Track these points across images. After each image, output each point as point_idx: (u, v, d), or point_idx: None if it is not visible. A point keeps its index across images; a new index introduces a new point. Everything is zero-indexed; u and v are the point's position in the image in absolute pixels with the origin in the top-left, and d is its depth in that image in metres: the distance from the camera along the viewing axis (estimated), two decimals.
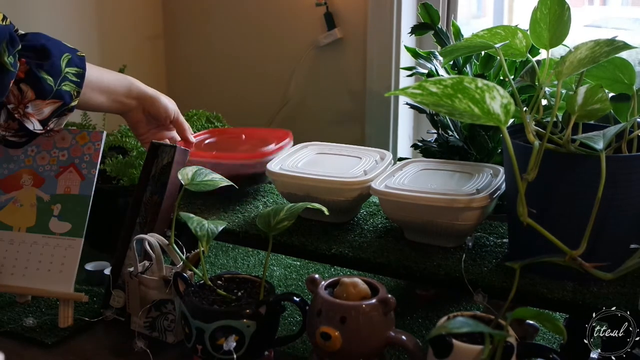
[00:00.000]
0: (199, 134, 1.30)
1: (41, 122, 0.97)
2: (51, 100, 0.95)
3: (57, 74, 0.96)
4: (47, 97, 0.95)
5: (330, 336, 0.81)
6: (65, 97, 0.96)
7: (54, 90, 0.95)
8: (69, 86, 0.97)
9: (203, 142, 1.27)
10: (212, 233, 0.92)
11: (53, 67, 0.95)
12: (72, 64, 0.98)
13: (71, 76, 0.97)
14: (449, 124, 1.21)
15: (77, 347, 1.00)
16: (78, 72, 0.98)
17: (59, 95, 0.96)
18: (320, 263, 1.23)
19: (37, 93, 0.94)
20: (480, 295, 0.88)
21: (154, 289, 0.99)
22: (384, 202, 1.00)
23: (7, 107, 0.95)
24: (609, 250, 0.84)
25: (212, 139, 1.29)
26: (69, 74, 0.97)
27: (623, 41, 0.82)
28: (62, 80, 0.96)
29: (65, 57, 0.97)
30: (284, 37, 1.73)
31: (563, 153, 0.83)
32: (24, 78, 0.93)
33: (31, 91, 0.94)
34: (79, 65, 0.98)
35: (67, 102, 0.97)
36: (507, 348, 0.72)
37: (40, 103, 0.95)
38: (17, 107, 0.94)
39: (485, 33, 0.92)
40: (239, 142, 1.28)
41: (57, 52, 0.96)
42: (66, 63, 0.97)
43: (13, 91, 0.93)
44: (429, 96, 0.66)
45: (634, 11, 1.66)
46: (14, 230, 1.08)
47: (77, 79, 0.98)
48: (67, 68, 0.97)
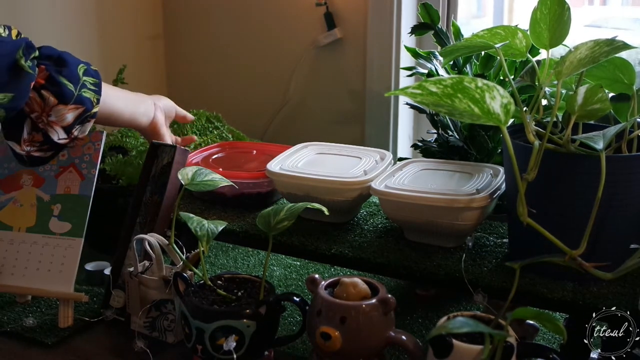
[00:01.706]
0: (208, 147, 1.29)
1: (65, 130, 0.97)
2: (73, 106, 0.96)
3: (76, 81, 0.96)
4: (69, 101, 0.95)
5: (330, 336, 0.81)
6: (86, 103, 0.97)
7: (75, 95, 0.96)
8: (88, 93, 0.98)
9: (211, 157, 1.26)
10: (212, 233, 0.92)
11: (72, 74, 0.96)
12: (88, 74, 0.99)
13: (89, 84, 0.98)
14: (449, 124, 1.21)
15: (77, 347, 1.00)
16: (95, 82, 0.99)
17: (80, 101, 0.96)
18: (320, 263, 1.23)
19: (59, 98, 0.94)
20: (480, 295, 0.88)
21: (154, 289, 0.99)
22: (384, 202, 1.00)
23: (30, 117, 0.95)
24: (609, 250, 0.84)
25: (220, 154, 1.28)
26: (87, 82, 0.98)
27: (623, 41, 0.82)
28: (82, 87, 0.97)
29: (81, 67, 0.98)
30: (284, 37, 1.73)
31: (563, 153, 0.83)
32: (45, 84, 0.94)
33: (53, 97, 0.94)
34: (94, 76, 1.00)
35: (89, 108, 0.98)
36: (507, 348, 0.72)
37: (63, 108, 0.95)
38: (41, 115, 0.95)
39: (485, 33, 0.92)
40: (249, 158, 1.26)
41: (73, 62, 0.98)
42: (83, 72, 0.98)
43: (35, 99, 0.94)
44: (429, 96, 0.66)
45: (634, 11, 1.66)
46: (14, 230, 1.08)
47: (95, 88, 0.99)
48: (84, 77, 0.98)
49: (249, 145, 1.33)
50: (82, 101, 0.97)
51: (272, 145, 1.33)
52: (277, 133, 1.79)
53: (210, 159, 1.25)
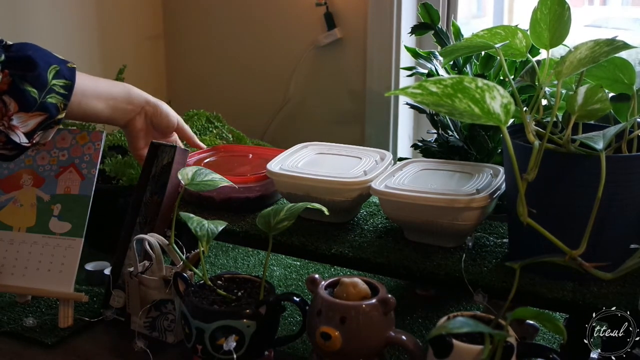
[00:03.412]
0: (202, 151, 1.26)
1: (26, 135, 0.94)
2: (36, 113, 0.93)
3: (42, 86, 0.93)
4: (31, 109, 0.92)
5: (330, 336, 0.81)
6: (50, 110, 0.94)
7: (37, 103, 0.92)
8: (55, 98, 0.94)
9: (202, 161, 1.22)
10: (212, 233, 0.92)
11: (38, 79, 0.92)
12: (60, 76, 0.95)
13: (58, 88, 0.94)
14: (449, 124, 1.21)
15: (77, 347, 1.00)
16: (66, 84, 0.95)
17: (44, 108, 0.93)
18: (320, 263, 1.23)
19: (20, 105, 0.91)
20: (480, 295, 0.88)
21: (154, 289, 0.99)
22: (384, 202, 1.00)
23: None
24: (609, 250, 0.84)
25: (212, 158, 1.25)
26: (56, 86, 0.94)
27: (623, 41, 0.82)
28: (48, 92, 0.93)
29: (52, 68, 0.94)
30: (284, 37, 1.73)
31: (563, 153, 0.83)
32: (7, 90, 0.91)
33: (14, 103, 0.91)
34: (67, 77, 0.96)
35: (52, 115, 0.94)
36: (507, 348, 0.72)
37: (24, 115, 0.92)
38: (2, 120, 0.92)
39: (485, 33, 0.92)
40: (242, 162, 1.23)
41: (43, 64, 0.94)
42: (53, 75, 0.94)
43: None
44: (429, 96, 0.66)
45: (634, 11, 1.66)
46: (14, 230, 1.08)
47: (64, 91, 0.95)
48: (54, 80, 0.94)
49: (245, 149, 1.31)
50: (46, 108, 0.93)
51: (269, 149, 1.30)
52: (277, 133, 1.79)
53: (202, 163, 1.22)
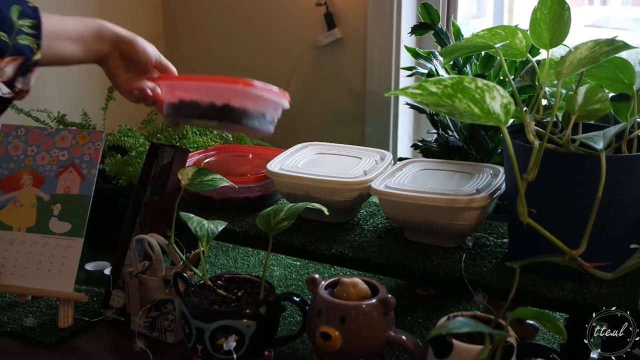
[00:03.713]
0: (202, 151, 1.25)
1: (7, 84, 0.88)
2: (10, 58, 0.87)
3: (9, 29, 0.87)
4: (5, 54, 0.86)
5: (330, 336, 0.81)
6: (25, 52, 0.88)
7: (9, 46, 0.87)
8: (26, 39, 0.88)
9: (202, 161, 1.22)
10: (212, 233, 0.92)
11: (4, 21, 0.87)
12: (25, 16, 0.89)
13: (26, 29, 0.88)
14: (449, 124, 1.21)
15: (77, 347, 1.00)
16: (33, 23, 0.89)
17: (18, 51, 0.87)
18: (320, 263, 1.23)
19: None
20: (480, 295, 0.88)
21: (154, 289, 0.99)
22: (384, 202, 1.00)
23: None
24: (609, 250, 0.84)
25: (212, 158, 1.24)
26: (24, 26, 0.88)
27: (623, 41, 0.82)
28: (17, 34, 0.87)
29: (14, 9, 0.88)
30: (284, 37, 1.73)
31: (563, 153, 0.83)
32: None
33: None
34: (32, 17, 0.89)
35: (28, 57, 0.88)
36: (507, 348, 0.72)
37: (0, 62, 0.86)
38: None
39: (485, 33, 0.92)
40: (243, 162, 1.22)
41: (4, 6, 0.88)
42: (17, 16, 0.88)
43: None
44: (429, 96, 0.66)
45: (634, 11, 1.66)
46: (14, 230, 1.08)
47: (33, 31, 0.89)
48: (19, 21, 0.88)
49: (245, 149, 1.30)
50: (20, 50, 0.87)
51: (269, 149, 1.30)
52: (277, 133, 1.77)
53: (202, 163, 1.21)
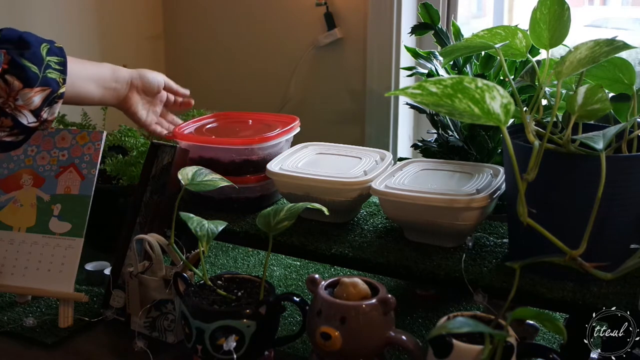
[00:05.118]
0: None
1: (33, 113, 0.96)
2: (39, 88, 0.95)
3: (39, 62, 0.95)
4: (35, 84, 0.94)
5: (330, 336, 0.81)
6: (52, 84, 0.96)
7: (39, 77, 0.94)
8: (54, 73, 0.96)
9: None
10: (212, 233, 0.92)
11: (35, 55, 0.95)
12: (52, 53, 0.97)
13: (54, 64, 0.96)
14: (449, 124, 1.21)
15: (77, 347, 1.00)
16: (60, 60, 0.97)
17: (46, 82, 0.95)
18: (320, 263, 1.23)
19: (24, 82, 0.93)
20: (480, 295, 0.88)
21: (154, 289, 0.99)
22: (384, 202, 1.00)
23: None
24: (609, 250, 0.84)
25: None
26: (51, 62, 0.96)
27: (623, 41, 0.82)
28: (46, 67, 0.95)
29: (44, 46, 0.97)
30: (284, 37, 1.73)
31: (563, 153, 0.83)
32: (8, 69, 0.92)
33: (17, 81, 0.93)
34: (59, 55, 0.98)
35: (55, 89, 0.96)
36: (507, 348, 0.72)
37: (29, 92, 0.94)
38: (7, 101, 0.93)
39: (485, 33, 0.92)
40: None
41: (35, 42, 0.96)
42: (46, 52, 0.96)
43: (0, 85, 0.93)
44: (429, 96, 0.66)
45: (634, 11, 1.66)
46: (14, 230, 1.08)
47: (60, 67, 0.97)
48: (48, 57, 0.96)
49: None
50: (48, 83, 0.95)
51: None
52: None
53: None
